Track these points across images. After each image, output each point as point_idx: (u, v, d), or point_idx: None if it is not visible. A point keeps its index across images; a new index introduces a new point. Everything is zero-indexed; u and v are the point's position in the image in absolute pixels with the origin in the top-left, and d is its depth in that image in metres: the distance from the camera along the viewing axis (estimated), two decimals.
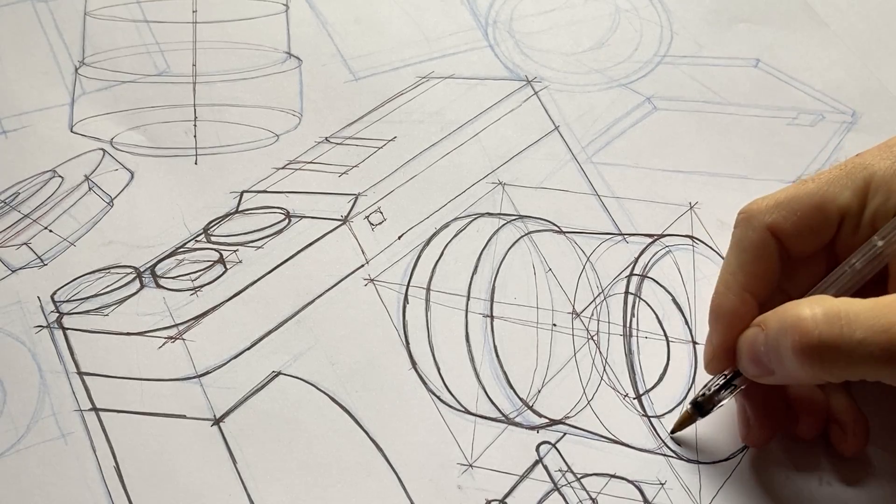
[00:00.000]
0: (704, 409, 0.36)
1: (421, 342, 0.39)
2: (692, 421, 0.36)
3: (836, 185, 0.34)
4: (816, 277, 0.35)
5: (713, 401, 0.35)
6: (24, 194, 0.41)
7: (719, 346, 0.35)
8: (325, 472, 0.36)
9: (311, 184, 0.42)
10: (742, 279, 0.34)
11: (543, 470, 0.36)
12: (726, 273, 0.35)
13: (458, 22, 0.48)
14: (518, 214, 0.42)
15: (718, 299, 0.35)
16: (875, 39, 0.48)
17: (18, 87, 0.44)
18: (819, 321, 0.30)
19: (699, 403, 0.36)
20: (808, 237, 0.34)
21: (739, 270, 0.35)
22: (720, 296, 0.35)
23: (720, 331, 0.35)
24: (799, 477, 0.36)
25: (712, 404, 0.35)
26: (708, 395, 0.35)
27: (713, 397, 0.35)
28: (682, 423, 0.36)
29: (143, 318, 0.38)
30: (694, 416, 0.36)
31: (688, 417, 0.36)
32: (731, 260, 0.35)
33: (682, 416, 0.36)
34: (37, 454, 0.36)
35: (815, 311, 0.30)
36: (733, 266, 0.35)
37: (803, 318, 0.30)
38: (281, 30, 0.47)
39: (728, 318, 0.34)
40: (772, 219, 0.34)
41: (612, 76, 0.46)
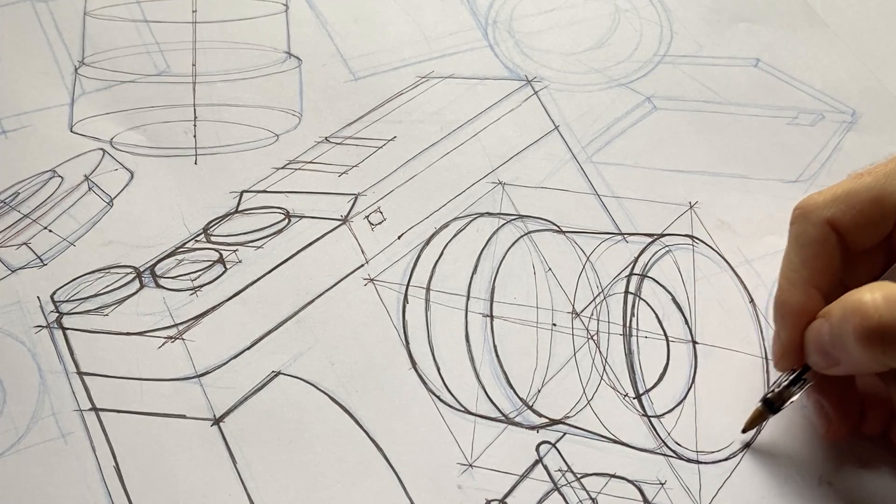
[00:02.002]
0: (776, 407, 0.35)
1: (421, 342, 0.39)
2: (763, 419, 0.36)
3: (893, 178, 0.34)
4: (877, 270, 0.35)
5: (783, 397, 0.35)
6: (24, 194, 0.41)
7: (788, 341, 0.35)
8: (325, 472, 0.36)
9: (310, 184, 0.42)
10: (805, 274, 0.34)
11: (543, 470, 0.36)
12: (788, 269, 0.35)
13: (458, 22, 0.48)
14: (518, 214, 0.42)
15: (784, 296, 0.35)
16: (875, 39, 0.48)
17: (18, 87, 0.44)
18: (879, 305, 0.30)
19: (770, 401, 0.35)
20: (867, 230, 0.34)
21: (802, 266, 0.35)
22: (785, 292, 0.35)
23: (788, 327, 0.35)
24: (799, 477, 0.36)
25: (783, 401, 0.35)
26: (778, 391, 0.35)
27: (783, 393, 0.35)
28: (752, 422, 0.36)
29: (142, 318, 0.38)
30: (765, 413, 0.36)
31: (759, 415, 0.36)
32: (793, 256, 0.35)
33: (754, 414, 0.36)
34: (37, 454, 0.36)
35: (875, 296, 0.30)
36: (795, 262, 0.35)
37: (864, 302, 0.30)
38: (281, 30, 0.47)
39: (795, 314, 0.34)
40: (830, 213, 0.34)
41: (612, 76, 0.46)
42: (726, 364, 0.39)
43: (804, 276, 0.35)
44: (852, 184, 0.35)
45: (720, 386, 0.38)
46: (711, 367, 0.39)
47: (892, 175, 0.34)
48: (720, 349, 0.39)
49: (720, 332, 0.39)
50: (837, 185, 0.35)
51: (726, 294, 0.40)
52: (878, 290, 0.31)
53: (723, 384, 0.38)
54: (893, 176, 0.34)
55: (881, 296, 0.30)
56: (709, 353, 0.39)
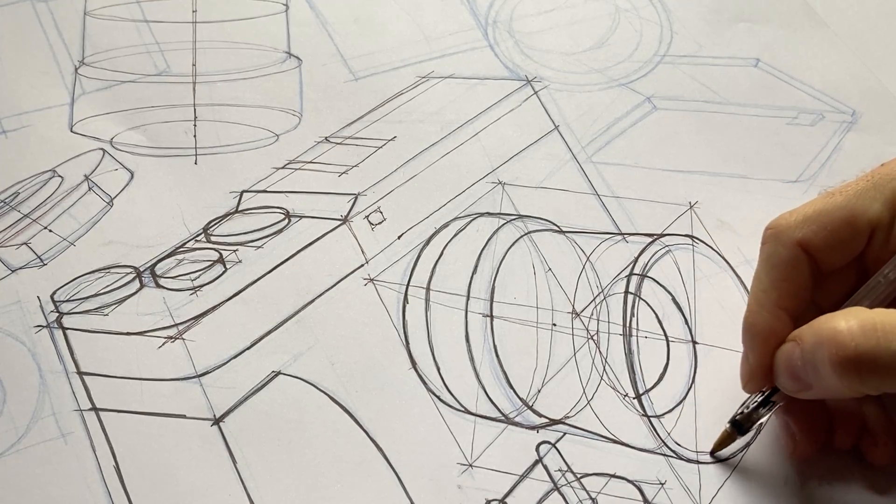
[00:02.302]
0: (744, 428, 0.35)
1: (421, 342, 0.39)
2: (731, 440, 0.36)
3: (864, 197, 0.34)
4: (848, 290, 0.34)
5: (752, 418, 0.35)
6: (24, 194, 0.41)
7: (756, 364, 0.34)
8: (325, 472, 0.36)
9: (310, 183, 0.42)
10: (775, 296, 0.34)
11: (543, 470, 0.36)
12: (758, 291, 0.35)
13: (458, 22, 0.48)
14: (518, 214, 0.42)
15: (752, 318, 0.35)
16: (875, 39, 0.48)
17: (18, 87, 0.44)
18: (855, 333, 0.30)
19: (738, 422, 0.35)
20: (838, 251, 0.34)
21: (771, 288, 0.34)
22: (754, 314, 0.34)
23: (756, 349, 0.34)
24: (799, 477, 0.36)
25: (751, 422, 0.35)
26: (746, 412, 0.35)
27: (752, 415, 0.35)
28: (721, 443, 0.36)
29: (142, 318, 0.38)
30: (733, 434, 0.36)
31: (727, 436, 0.36)
32: (763, 277, 0.35)
33: (722, 435, 0.36)
34: (37, 454, 0.36)
35: (850, 324, 0.30)
36: (765, 283, 0.34)
37: (839, 330, 0.30)
38: (281, 30, 0.47)
39: (763, 337, 0.34)
40: (802, 234, 0.34)
41: (611, 76, 0.46)
42: (726, 364, 0.39)
43: (773, 298, 0.34)
44: (823, 203, 0.34)
45: (720, 386, 0.38)
46: (711, 367, 0.39)
47: (863, 194, 0.34)
48: (720, 349, 0.39)
49: (720, 332, 0.39)
50: (808, 204, 0.35)
51: (726, 294, 0.40)
52: (853, 318, 0.30)
53: (723, 384, 0.38)
54: (864, 195, 0.34)
55: (856, 324, 0.30)
56: (709, 353, 0.39)
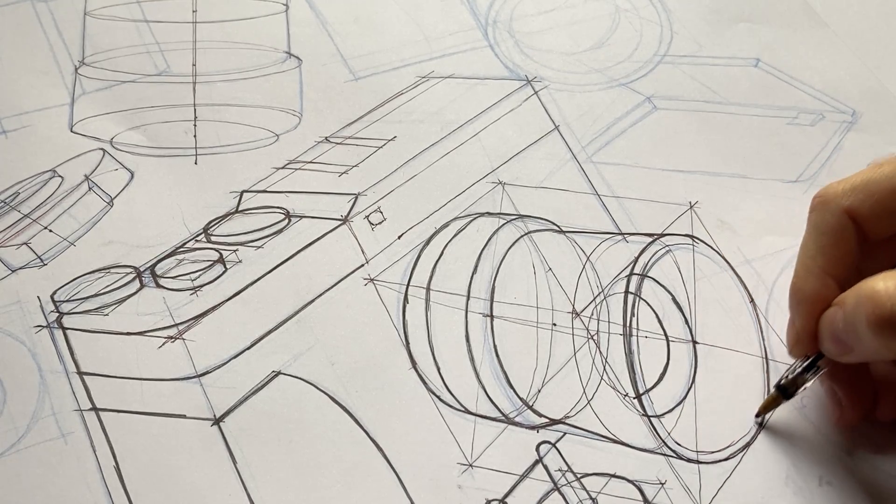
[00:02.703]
0: (789, 392, 0.36)
1: (421, 342, 0.39)
2: (777, 404, 0.36)
3: None
4: (894, 258, 0.35)
5: (797, 383, 0.35)
6: (24, 194, 0.41)
7: (802, 328, 0.35)
8: (325, 472, 0.36)
9: (311, 183, 0.42)
10: (822, 262, 0.35)
11: (543, 470, 0.36)
12: (805, 257, 0.35)
13: (458, 22, 0.48)
14: (518, 214, 0.42)
15: (799, 283, 0.35)
16: (875, 39, 0.48)
17: (18, 86, 0.44)
18: (892, 293, 0.30)
19: (783, 387, 0.36)
20: (885, 220, 0.34)
21: (819, 254, 0.35)
22: (801, 279, 0.35)
23: (802, 313, 0.35)
24: (799, 477, 0.36)
25: (796, 387, 0.36)
26: (792, 377, 0.35)
27: (797, 380, 0.35)
28: (766, 407, 0.37)
29: (143, 318, 0.38)
30: (779, 399, 0.36)
31: (773, 400, 0.36)
32: (810, 244, 0.35)
33: (768, 399, 0.36)
34: (37, 454, 0.36)
35: (889, 284, 0.31)
36: (812, 250, 0.35)
37: (877, 290, 0.31)
38: (281, 30, 0.47)
39: (810, 301, 0.35)
40: (849, 202, 0.34)
41: (612, 76, 0.46)
42: (726, 364, 0.39)
43: (820, 264, 0.35)
44: (872, 173, 0.35)
45: (720, 386, 0.38)
46: (711, 367, 0.39)
47: None
48: (720, 349, 0.39)
49: (720, 332, 0.39)
50: (857, 174, 0.35)
51: (726, 294, 0.40)
52: (892, 279, 0.31)
53: (723, 384, 0.38)
54: None
55: (894, 284, 0.30)
56: (709, 353, 0.39)
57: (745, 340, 0.39)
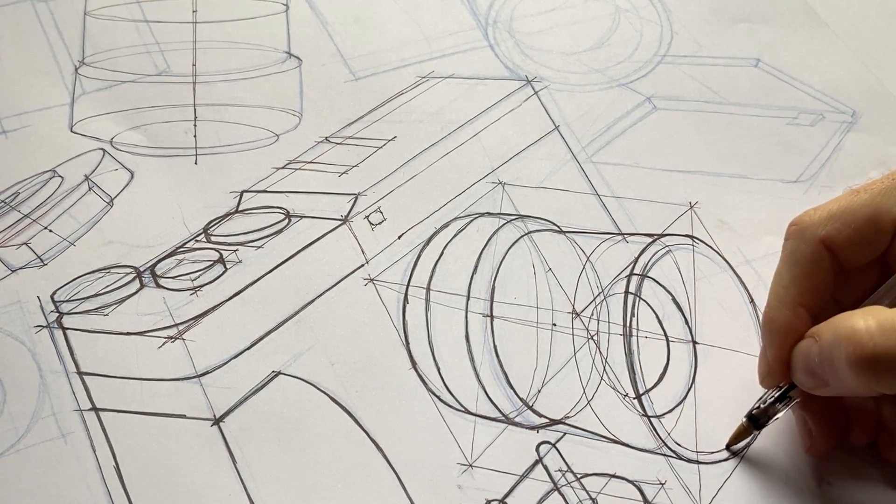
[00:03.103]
0: (760, 423, 0.36)
1: (421, 342, 0.39)
2: (747, 434, 0.36)
3: (889, 196, 0.34)
4: (869, 287, 0.35)
5: (768, 413, 0.35)
6: (24, 194, 0.41)
7: (774, 359, 0.35)
8: (325, 472, 0.36)
9: (311, 184, 0.42)
10: (795, 293, 0.34)
11: (543, 470, 0.36)
12: (779, 287, 0.35)
13: (458, 22, 0.48)
14: (518, 214, 0.42)
15: (772, 313, 0.35)
16: (875, 39, 0.48)
17: (18, 87, 0.44)
18: (874, 333, 0.30)
19: (754, 417, 0.36)
20: (861, 249, 0.34)
21: (792, 284, 0.34)
22: (773, 310, 0.35)
23: (775, 344, 0.35)
24: (799, 477, 0.36)
25: (767, 417, 0.35)
26: (763, 407, 0.35)
27: (768, 410, 0.35)
28: (737, 437, 0.36)
29: (143, 318, 0.38)
30: (749, 429, 0.36)
31: (743, 430, 0.36)
32: (784, 273, 0.35)
33: (738, 429, 0.36)
34: (37, 454, 0.36)
35: (869, 323, 0.30)
36: (786, 279, 0.35)
37: (857, 329, 0.30)
38: (281, 30, 0.47)
39: (782, 332, 0.34)
40: (825, 231, 0.34)
41: (612, 76, 0.46)
42: (726, 364, 0.39)
43: (793, 295, 0.34)
44: (848, 201, 0.34)
45: (720, 386, 0.38)
46: (711, 367, 0.39)
47: (888, 193, 0.34)
48: (720, 349, 0.39)
49: (720, 332, 0.39)
50: (833, 201, 0.35)
51: (726, 294, 0.40)
52: (872, 317, 0.30)
53: (723, 384, 0.38)
54: (889, 193, 0.34)
55: (875, 323, 0.30)
56: (709, 353, 0.39)
57: (745, 340, 0.39)
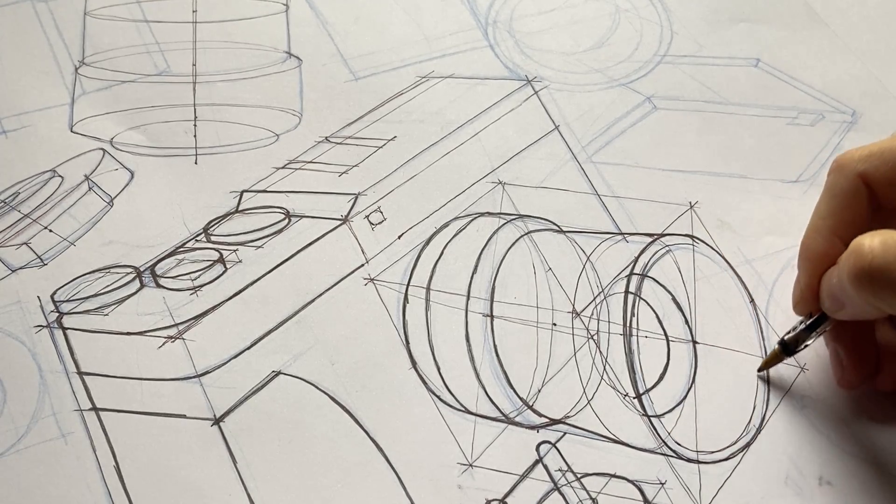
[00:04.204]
0: (791, 349, 0.37)
1: (421, 342, 0.39)
2: (779, 360, 0.38)
3: None
4: None
5: (799, 340, 0.36)
6: (24, 194, 0.41)
7: (807, 286, 0.36)
8: (325, 472, 0.36)
9: (311, 183, 0.42)
10: (831, 223, 0.36)
11: (543, 469, 0.36)
12: (817, 218, 0.36)
13: (458, 22, 0.48)
14: (518, 214, 0.42)
15: (808, 242, 0.36)
16: (875, 39, 0.48)
17: (18, 86, 0.44)
18: (875, 249, 0.31)
19: (786, 343, 0.37)
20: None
21: (829, 215, 0.36)
22: (809, 239, 0.36)
23: (808, 271, 0.36)
24: (799, 477, 0.36)
25: (798, 344, 0.36)
26: (794, 334, 0.36)
27: (799, 337, 0.36)
28: (769, 362, 0.38)
29: (143, 318, 0.38)
30: (781, 355, 0.37)
31: (775, 356, 0.37)
32: (822, 205, 0.36)
33: (770, 354, 0.38)
34: (37, 454, 0.36)
35: (873, 240, 0.31)
36: (824, 211, 0.36)
37: (862, 244, 0.31)
38: (281, 30, 0.47)
39: (815, 260, 0.36)
40: (864, 167, 0.35)
41: (612, 76, 0.46)
42: (726, 364, 0.39)
43: (830, 225, 0.36)
44: (889, 143, 0.35)
45: (720, 386, 0.38)
46: (711, 367, 0.39)
47: None
48: (720, 349, 0.39)
49: (720, 332, 0.39)
50: (876, 142, 0.36)
51: (726, 294, 0.40)
52: (878, 236, 0.31)
53: (723, 384, 0.38)
54: None
55: (879, 240, 0.31)
56: (709, 353, 0.39)
57: (745, 340, 0.39)
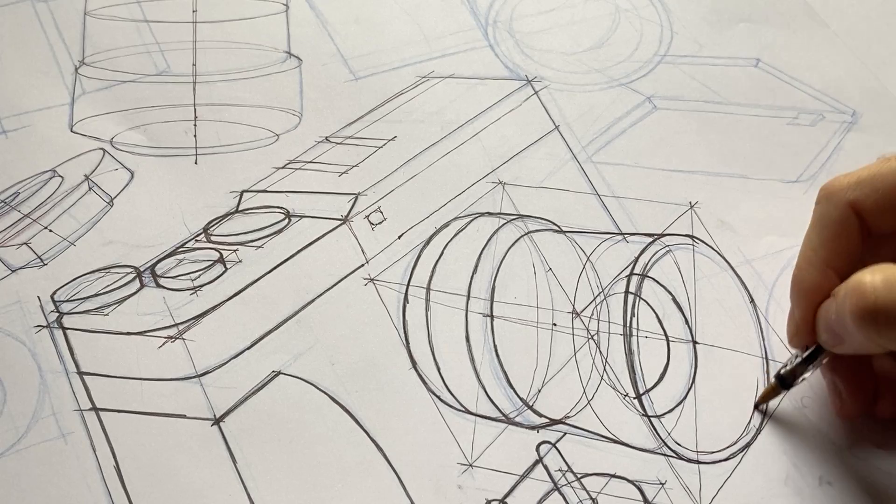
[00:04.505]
0: (787, 383, 0.36)
1: (421, 342, 0.39)
2: (776, 394, 0.37)
3: None
4: None
5: (796, 374, 0.36)
6: (24, 194, 0.41)
7: (801, 319, 0.36)
8: (325, 472, 0.36)
9: (311, 183, 0.42)
10: (823, 255, 0.35)
11: (543, 470, 0.36)
12: (808, 249, 0.36)
13: (458, 22, 0.48)
14: (518, 214, 0.42)
15: (800, 274, 0.36)
16: (875, 39, 0.48)
17: (18, 86, 0.44)
18: (878, 286, 0.31)
19: (782, 377, 0.36)
20: (890, 215, 0.35)
21: (820, 246, 0.35)
22: (802, 271, 0.36)
23: (802, 305, 0.36)
24: (799, 477, 0.36)
25: (795, 377, 0.36)
26: (790, 368, 0.36)
27: (796, 370, 0.36)
28: (765, 396, 0.37)
29: (143, 318, 0.38)
30: (778, 389, 0.37)
31: (772, 390, 0.37)
32: (813, 236, 0.36)
33: (767, 389, 0.37)
34: (37, 454, 0.36)
35: (875, 277, 0.31)
36: (815, 242, 0.36)
37: (863, 282, 0.31)
38: (281, 29, 0.47)
39: (809, 293, 0.35)
40: (853, 196, 0.35)
41: (612, 76, 0.46)
42: (726, 364, 0.39)
43: (822, 256, 0.35)
44: (878, 168, 0.35)
45: (720, 386, 0.38)
46: (711, 367, 0.39)
47: None
48: (720, 349, 0.39)
49: (720, 332, 0.39)
50: (864, 168, 0.35)
51: (726, 294, 0.40)
52: (879, 272, 0.31)
53: (723, 384, 0.38)
54: None
55: (881, 278, 0.31)
56: (709, 353, 0.39)
57: (745, 340, 0.39)
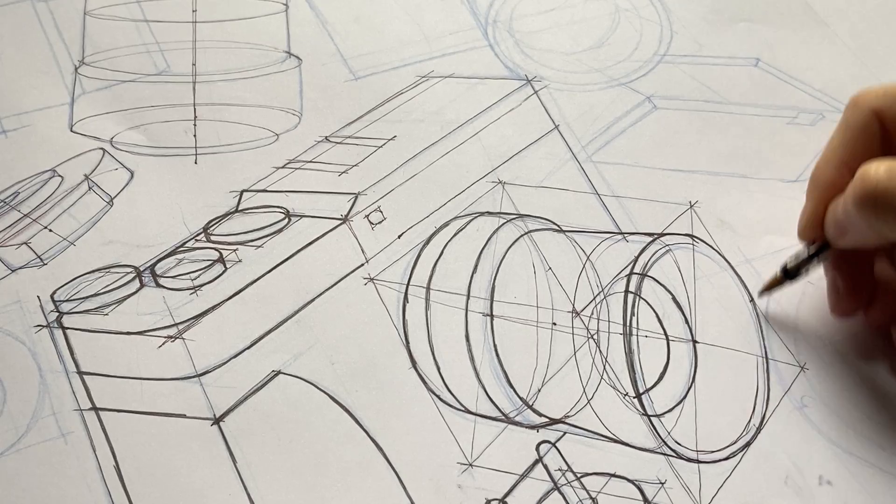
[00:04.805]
0: (792, 275, 0.38)
1: (421, 341, 0.39)
2: (779, 285, 0.39)
3: None
4: None
5: (800, 267, 0.38)
6: (24, 194, 0.41)
7: (813, 213, 0.38)
8: (325, 472, 0.36)
9: (310, 183, 0.42)
10: (842, 154, 0.37)
11: (543, 469, 0.36)
12: (829, 149, 0.38)
13: (458, 21, 0.48)
14: (518, 213, 0.42)
15: (818, 171, 0.38)
16: (875, 39, 0.48)
17: (18, 86, 0.44)
18: (881, 175, 0.32)
19: (788, 270, 0.38)
20: None
21: (840, 146, 0.37)
22: (819, 168, 0.38)
23: (815, 199, 0.38)
24: (799, 476, 0.36)
25: (799, 270, 0.38)
26: (797, 263, 0.38)
27: (800, 264, 0.38)
28: (770, 286, 0.39)
29: (142, 318, 0.38)
30: (782, 280, 0.39)
31: (777, 281, 0.39)
32: (835, 137, 0.38)
33: (771, 279, 0.39)
34: (37, 454, 0.36)
35: (879, 167, 0.32)
36: (836, 143, 0.38)
37: (868, 170, 0.32)
38: (281, 29, 0.47)
39: (824, 189, 0.37)
40: (879, 104, 0.36)
41: (611, 75, 0.46)
42: (726, 364, 0.39)
43: (840, 156, 0.37)
44: None
45: (720, 385, 0.38)
46: (711, 367, 0.39)
47: None
48: (720, 349, 0.39)
49: (720, 331, 0.39)
50: (893, 82, 0.37)
51: (726, 294, 0.40)
52: (885, 163, 0.32)
53: (723, 384, 0.38)
54: None
55: (885, 167, 0.32)
56: (709, 352, 0.39)
57: (745, 340, 0.39)
